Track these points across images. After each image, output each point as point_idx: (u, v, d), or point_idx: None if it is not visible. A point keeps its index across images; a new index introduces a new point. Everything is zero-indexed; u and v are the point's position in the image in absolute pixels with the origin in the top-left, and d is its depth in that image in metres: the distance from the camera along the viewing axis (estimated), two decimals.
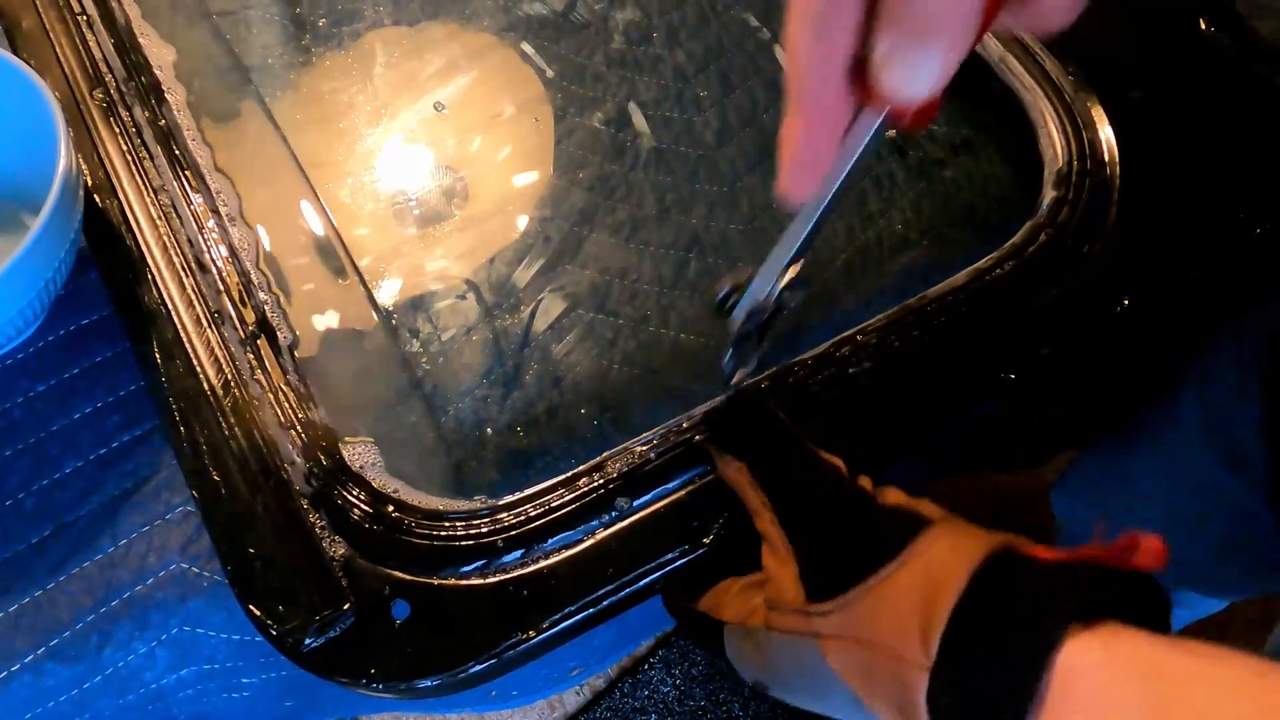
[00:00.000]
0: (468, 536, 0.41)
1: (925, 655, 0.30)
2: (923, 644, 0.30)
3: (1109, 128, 0.54)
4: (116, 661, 0.41)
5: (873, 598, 0.33)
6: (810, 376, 0.46)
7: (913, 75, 0.28)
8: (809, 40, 0.29)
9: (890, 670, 0.31)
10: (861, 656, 0.33)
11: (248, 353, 0.45)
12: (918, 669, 0.30)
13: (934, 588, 0.31)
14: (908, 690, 0.31)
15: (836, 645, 0.33)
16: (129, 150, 0.50)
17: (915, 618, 0.31)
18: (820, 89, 0.30)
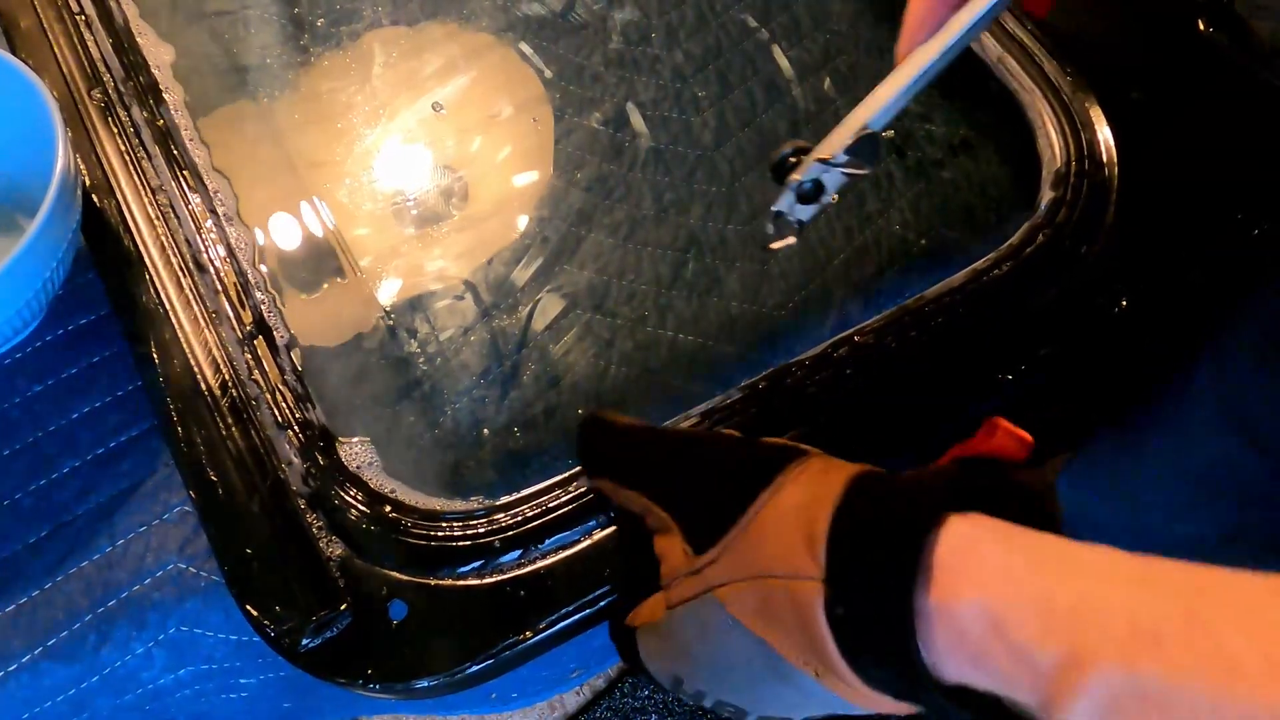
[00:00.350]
0: (465, 537, 0.41)
1: (816, 567, 0.30)
2: (811, 557, 0.31)
3: (1107, 128, 0.54)
4: (114, 661, 0.41)
5: (755, 529, 0.33)
6: (808, 377, 0.46)
7: None
8: None
9: (785, 595, 0.31)
10: (757, 592, 0.32)
11: (245, 353, 0.45)
12: (810, 584, 0.30)
13: (813, 502, 0.32)
14: (805, 609, 0.30)
15: (731, 591, 0.33)
16: (127, 150, 0.50)
17: (799, 535, 0.31)
18: None
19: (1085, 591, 0.27)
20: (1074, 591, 0.27)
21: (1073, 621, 0.26)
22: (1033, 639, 0.26)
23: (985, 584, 0.28)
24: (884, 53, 0.63)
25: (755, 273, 0.54)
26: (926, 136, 0.60)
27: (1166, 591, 0.26)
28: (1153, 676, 0.24)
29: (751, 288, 0.54)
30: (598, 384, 0.50)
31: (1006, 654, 0.27)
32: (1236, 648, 0.24)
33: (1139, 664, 0.25)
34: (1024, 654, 0.26)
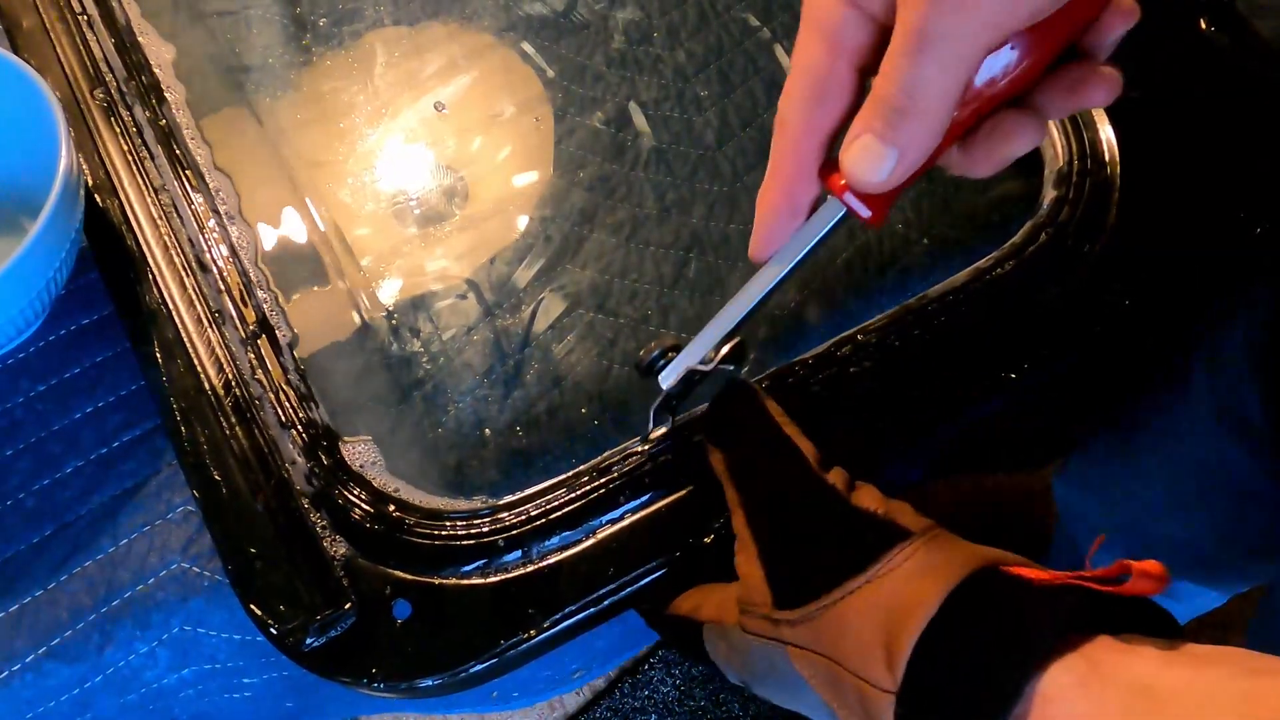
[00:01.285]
0: (469, 536, 0.41)
1: (890, 680, 0.29)
2: (888, 669, 0.29)
3: (1109, 127, 0.54)
4: (118, 661, 0.41)
5: (836, 614, 0.31)
6: (811, 376, 0.46)
7: (871, 163, 0.30)
8: (800, 110, 0.32)
9: (856, 689, 0.30)
10: (828, 670, 0.31)
11: (248, 352, 0.45)
12: (883, 695, 0.29)
13: (903, 609, 0.29)
14: (873, 712, 0.29)
15: (804, 656, 0.32)
16: (130, 150, 0.50)
17: (880, 639, 0.29)
18: (801, 151, 0.33)
19: None
20: None
21: None
22: None
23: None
24: None
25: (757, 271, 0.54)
26: None
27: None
28: None
29: None
30: (600, 383, 0.50)
31: None
32: None
33: None
34: None
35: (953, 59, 0.28)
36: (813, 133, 0.33)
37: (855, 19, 0.31)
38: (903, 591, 0.30)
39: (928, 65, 0.28)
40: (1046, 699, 0.26)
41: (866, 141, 0.30)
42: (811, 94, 0.32)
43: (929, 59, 0.28)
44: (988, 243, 0.51)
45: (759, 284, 0.36)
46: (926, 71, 0.29)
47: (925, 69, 0.29)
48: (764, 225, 0.35)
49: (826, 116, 0.32)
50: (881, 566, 0.31)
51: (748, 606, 0.35)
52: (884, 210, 0.33)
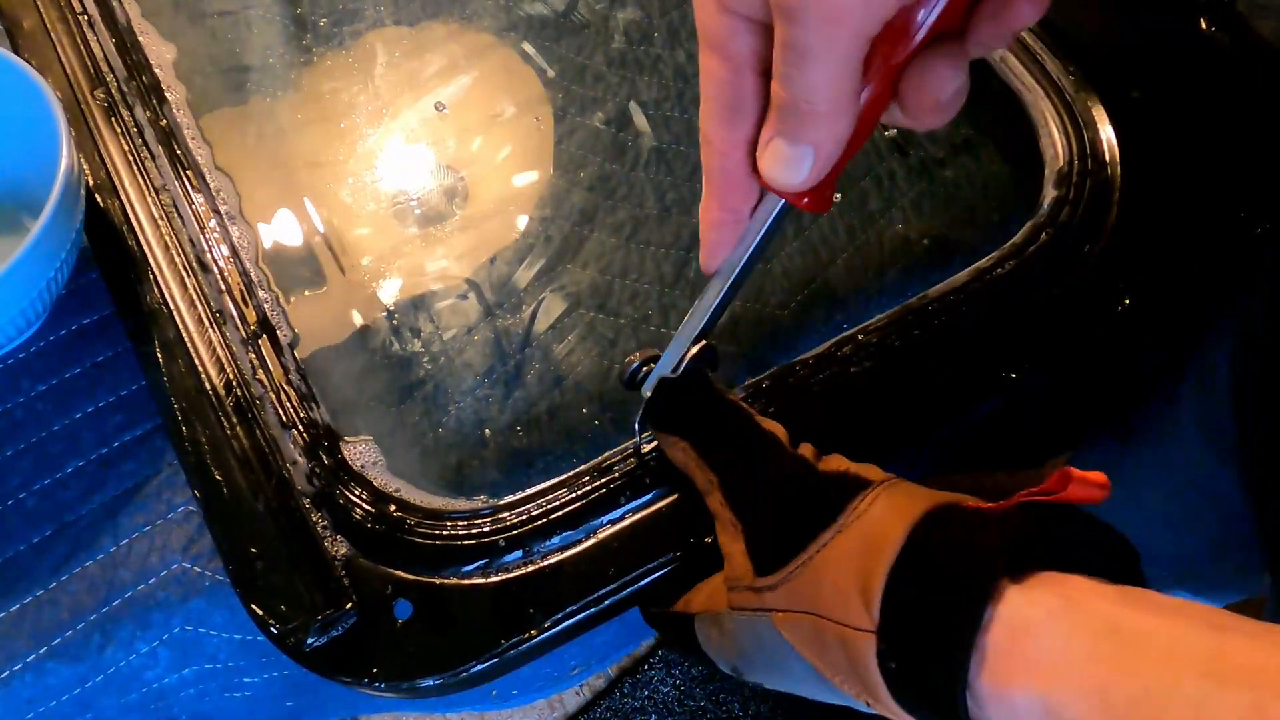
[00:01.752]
0: (469, 536, 0.41)
1: (869, 620, 0.30)
2: (865, 608, 0.30)
3: (1110, 127, 0.54)
4: (118, 661, 0.41)
5: (813, 568, 0.33)
6: (811, 376, 0.46)
7: (786, 166, 0.30)
8: (718, 126, 0.32)
9: (838, 638, 0.31)
10: (811, 627, 0.32)
11: (249, 352, 0.45)
12: (863, 635, 0.30)
13: (871, 550, 0.31)
14: (858, 656, 0.31)
15: (787, 619, 0.33)
16: (130, 150, 0.50)
17: (855, 583, 0.31)
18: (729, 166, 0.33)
19: (1146, 685, 0.25)
20: (1134, 684, 0.25)
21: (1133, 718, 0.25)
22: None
23: (1040, 672, 0.27)
24: None
25: (758, 271, 0.54)
26: (928, 135, 0.60)
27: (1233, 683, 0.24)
28: None
29: (754, 287, 0.54)
30: (601, 383, 0.50)
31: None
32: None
33: None
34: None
35: (835, 63, 0.28)
36: (736, 144, 0.33)
37: (740, 28, 0.30)
38: (870, 534, 0.32)
39: (813, 73, 0.28)
40: (1016, 630, 0.28)
41: (778, 146, 0.30)
42: (723, 108, 0.32)
43: (812, 69, 0.28)
44: (988, 243, 0.51)
45: (714, 291, 0.37)
46: (814, 79, 0.28)
47: (812, 77, 0.28)
48: (709, 237, 0.36)
49: (744, 125, 0.32)
50: (848, 516, 0.33)
51: (733, 583, 0.36)
52: (824, 194, 0.33)
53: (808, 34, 0.27)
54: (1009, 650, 0.28)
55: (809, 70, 0.28)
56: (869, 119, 0.31)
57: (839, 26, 0.27)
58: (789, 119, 0.30)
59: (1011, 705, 0.27)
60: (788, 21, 0.27)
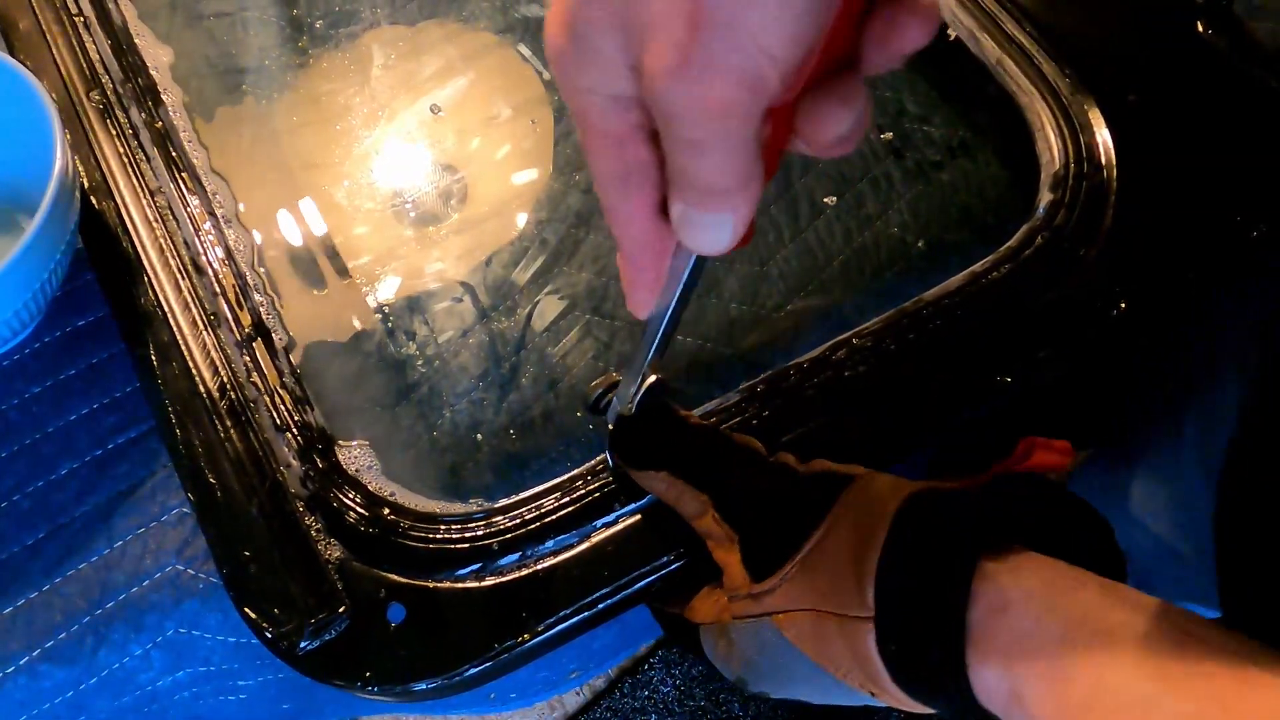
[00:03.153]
0: (464, 539, 0.41)
1: (865, 607, 0.31)
2: (860, 597, 0.32)
3: (1106, 131, 0.54)
4: (112, 663, 0.41)
5: (808, 564, 0.34)
6: (806, 379, 0.46)
7: (706, 233, 0.28)
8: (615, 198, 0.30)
9: (838, 629, 0.32)
10: (811, 623, 0.33)
11: (244, 355, 0.45)
12: (861, 622, 0.31)
13: (860, 539, 0.32)
14: (858, 644, 0.32)
15: (788, 619, 0.34)
16: (125, 152, 0.50)
17: (849, 572, 0.32)
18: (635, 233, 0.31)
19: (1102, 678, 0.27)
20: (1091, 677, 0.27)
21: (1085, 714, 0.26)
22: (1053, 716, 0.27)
23: (1010, 653, 0.28)
24: None
25: (754, 274, 0.54)
26: (925, 138, 0.60)
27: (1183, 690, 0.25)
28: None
29: (750, 289, 0.54)
30: None
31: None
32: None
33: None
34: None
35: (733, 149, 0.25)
36: (641, 209, 0.30)
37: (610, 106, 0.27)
38: (858, 525, 0.33)
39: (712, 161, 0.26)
40: (994, 609, 0.29)
41: (693, 218, 0.28)
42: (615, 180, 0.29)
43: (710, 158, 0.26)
44: (983, 246, 0.51)
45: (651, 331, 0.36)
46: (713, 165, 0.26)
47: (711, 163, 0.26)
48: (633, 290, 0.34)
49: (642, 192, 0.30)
50: (836, 510, 0.34)
51: (733, 593, 0.37)
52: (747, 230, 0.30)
53: (696, 130, 0.25)
54: (985, 627, 0.29)
55: (706, 160, 0.26)
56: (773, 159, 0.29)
57: (728, 120, 0.24)
58: (696, 198, 0.27)
59: (986, 682, 0.29)
60: (671, 122, 0.25)
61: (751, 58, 0.23)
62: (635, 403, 0.40)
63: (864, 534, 0.33)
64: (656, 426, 0.40)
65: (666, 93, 0.24)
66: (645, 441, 0.40)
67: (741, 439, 0.39)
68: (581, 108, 0.28)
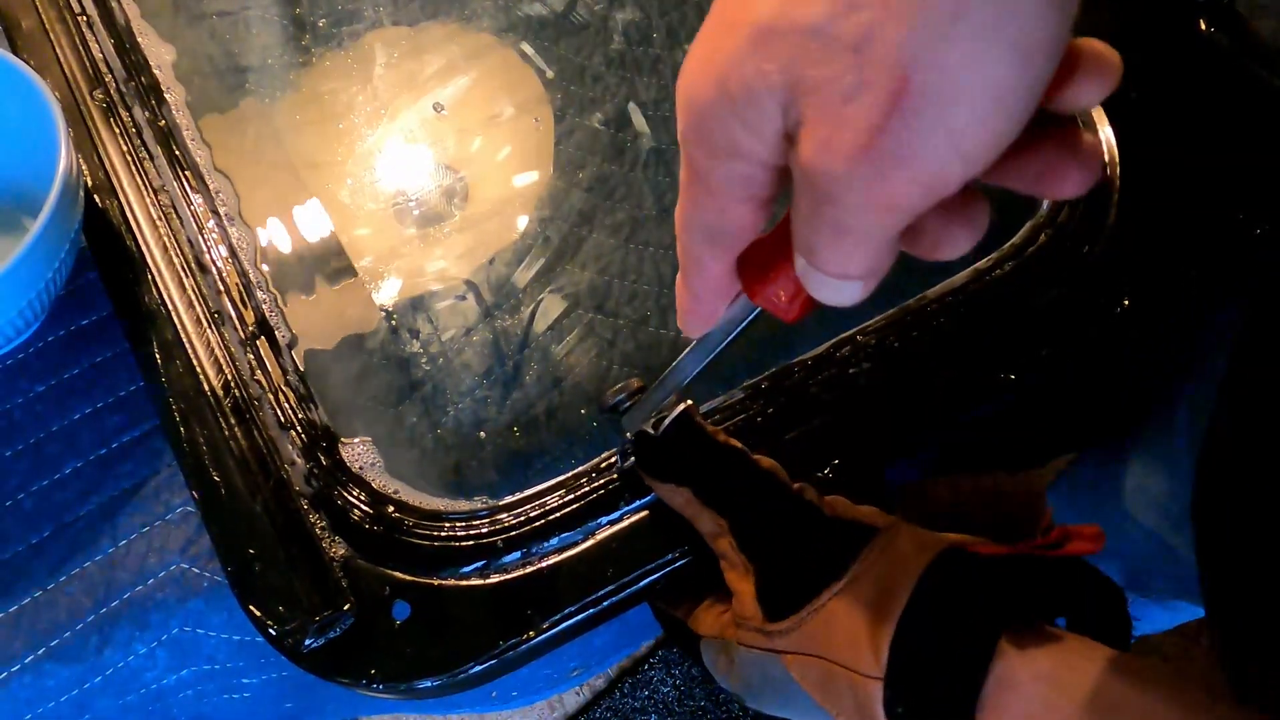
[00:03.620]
0: (468, 537, 0.41)
1: (877, 667, 0.31)
2: (874, 656, 0.32)
3: (1109, 128, 0.54)
4: (116, 662, 0.41)
5: (823, 616, 0.34)
6: (809, 377, 0.46)
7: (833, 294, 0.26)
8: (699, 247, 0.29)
9: (847, 683, 0.32)
10: (820, 670, 0.34)
11: (247, 353, 0.45)
12: (872, 681, 0.32)
13: (881, 600, 0.32)
14: (865, 701, 0.32)
15: (797, 660, 0.34)
16: (129, 150, 0.50)
17: (865, 631, 0.32)
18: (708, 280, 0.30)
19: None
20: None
21: None
22: None
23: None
24: None
25: None
26: None
27: None
28: None
29: None
30: (600, 384, 0.50)
31: None
32: None
33: None
34: None
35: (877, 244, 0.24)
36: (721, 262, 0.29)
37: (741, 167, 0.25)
38: (880, 584, 0.33)
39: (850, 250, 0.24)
40: (1005, 687, 0.29)
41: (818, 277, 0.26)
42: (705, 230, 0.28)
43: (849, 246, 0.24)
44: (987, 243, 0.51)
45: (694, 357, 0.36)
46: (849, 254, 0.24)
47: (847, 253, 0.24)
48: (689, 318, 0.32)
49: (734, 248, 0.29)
50: (859, 566, 0.34)
51: (742, 621, 0.37)
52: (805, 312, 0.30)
53: (852, 219, 0.23)
54: (995, 703, 0.29)
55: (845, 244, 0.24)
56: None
57: (890, 215, 0.22)
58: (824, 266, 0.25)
59: None
60: (824, 204, 0.23)
61: (945, 157, 0.21)
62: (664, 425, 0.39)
63: (885, 594, 0.32)
64: (681, 440, 0.40)
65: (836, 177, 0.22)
66: (668, 455, 0.40)
67: (767, 463, 0.38)
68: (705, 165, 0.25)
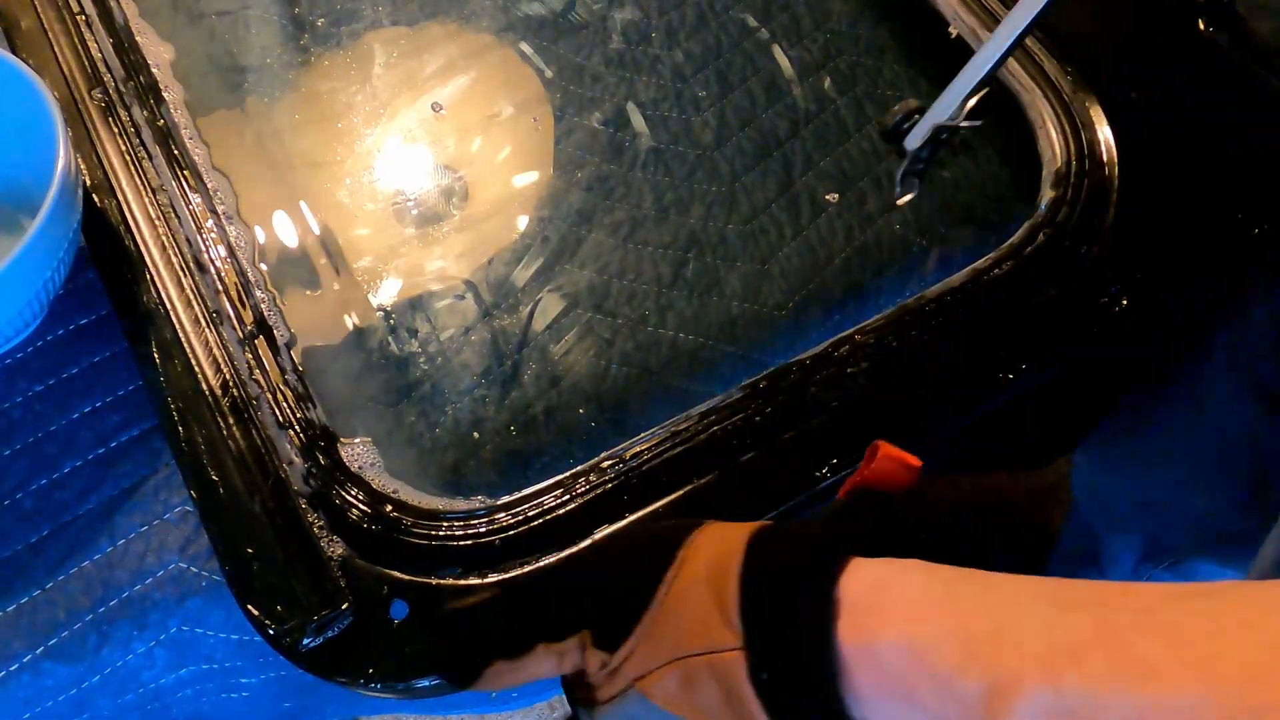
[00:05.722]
0: (466, 537, 0.41)
1: (734, 635, 0.30)
2: (727, 626, 0.31)
3: (1108, 128, 0.54)
4: (115, 661, 0.41)
5: (666, 609, 0.33)
6: (808, 376, 0.46)
7: None
8: None
9: (707, 670, 0.31)
10: (678, 674, 0.32)
11: (246, 352, 0.45)
12: (731, 654, 0.30)
13: (718, 571, 0.32)
14: (730, 679, 0.30)
15: (652, 680, 0.33)
16: (128, 150, 0.50)
17: (712, 606, 0.31)
18: None
19: (1001, 617, 0.27)
20: (991, 618, 0.27)
21: (993, 647, 0.26)
22: (956, 668, 0.27)
23: (903, 618, 0.28)
24: (884, 52, 0.63)
25: (756, 272, 0.54)
26: None
27: (1078, 608, 0.26)
28: (1076, 691, 0.25)
29: (752, 287, 0.54)
30: (598, 384, 0.50)
31: (932, 687, 0.27)
32: (1149, 652, 0.24)
33: (1062, 681, 0.25)
34: (949, 685, 0.27)
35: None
36: None
37: None
38: (713, 559, 0.32)
39: None
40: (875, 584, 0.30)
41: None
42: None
43: None
44: (986, 243, 0.51)
45: (1003, 34, 0.35)
46: None
47: None
48: None
49: None
50: (685, 552, 0.33)
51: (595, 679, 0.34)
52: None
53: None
54: (870, 603, 0.29)
55: None
56: None
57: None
58: None
59: (880, 657, 0.28)
60: None
61: None
62: (964, 115, 0.38)
63: (720, 565, 0.32)
64: (495, 625, 0.38)
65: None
66: (491, 641, 0.37)
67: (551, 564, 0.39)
68: None
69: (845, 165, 0.58)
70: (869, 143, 0.59)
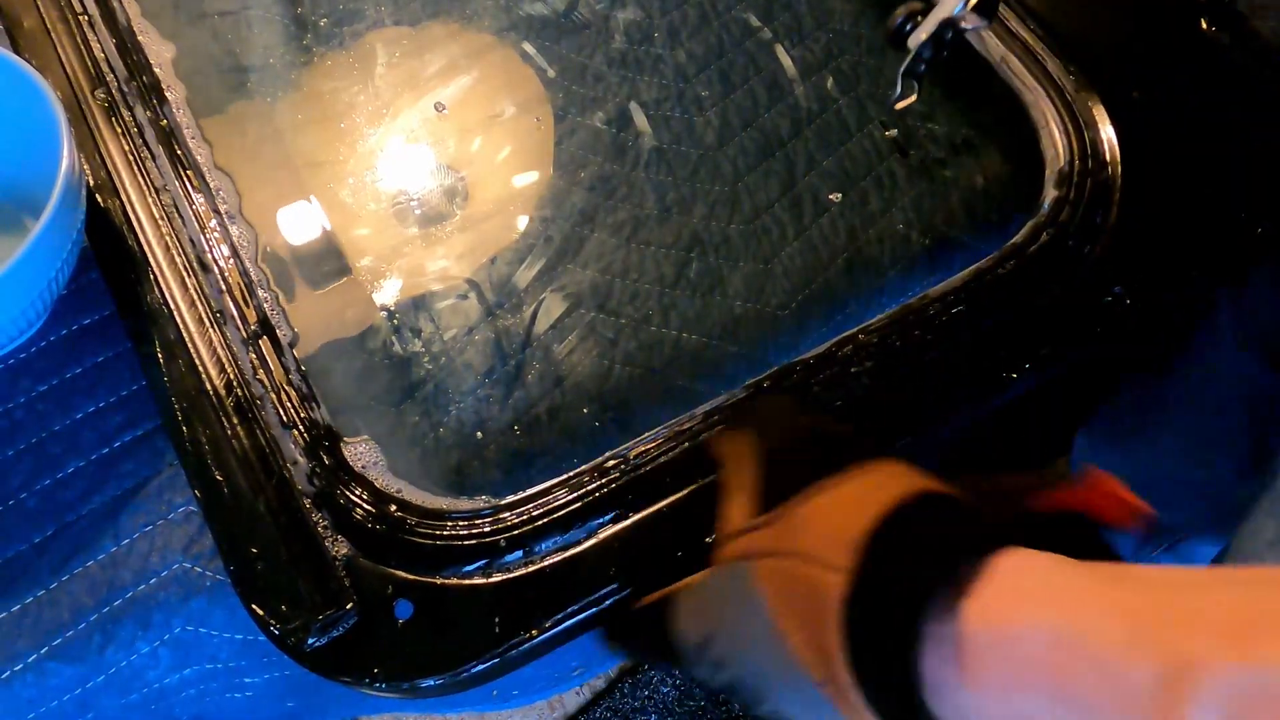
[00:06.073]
0: (470, 536, 0.41)
1: (847, 559, 0.30)
2: (846, 549, 0.30)
3: (1110, 127, 0.54)
4: (119, 661, 0.41)
5: (809, 508, 0.33)
6: (811, 376, 0.46)
7: None
8: None
9: (809, 578, 0.31)
10: (786, 569, 0.32)
11: (249, 352, 0.45)
12: (835, 573, 0.30)
13: (869, 500, 0.31)
14: (823, 598, 0.30)
15: (765, 566, 0.33)
16: (131, 150, 0.50)
17: (844, 525, 0.31)
18: None
19: (1170, 599, 0.24)
20: (1159, 600, 0.24)
21: (1167, 628, 0.24)
22: (1121, 653, 0.24)
23: (1054, 601, 0.26)
24: (885, 51, 0.63)
25: (759, 272, 0.54)
26: (929, 135, 0.60)
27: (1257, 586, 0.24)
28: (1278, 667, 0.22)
29: (755, 287, 0.54)
30: (602, 383, 0.50)
31: (1091, 673, 0.24)
32: None
33: (1260, 656, 0.22)
34: (1111, 670, 0.24)
35: None
36: None
37: None
38: (872, 488, 0.32)
39: None
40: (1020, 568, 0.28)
41: None
42: None
43: None
44: (988, 243, 0.51)
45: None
46: None
47: None
48: None
49: None
50: (857, 472, 0.33)
51: (723, 536, 0.36)
52: None
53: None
54: (1013, 586, 0.27)
55: None
56: None
57: None
58: None
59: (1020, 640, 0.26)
60: None
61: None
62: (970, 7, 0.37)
63: (874, 495, 0.31)
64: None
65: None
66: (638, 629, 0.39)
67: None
68: None
69: (848, 165, 0.58)
70: (871, 142, 0.59)
